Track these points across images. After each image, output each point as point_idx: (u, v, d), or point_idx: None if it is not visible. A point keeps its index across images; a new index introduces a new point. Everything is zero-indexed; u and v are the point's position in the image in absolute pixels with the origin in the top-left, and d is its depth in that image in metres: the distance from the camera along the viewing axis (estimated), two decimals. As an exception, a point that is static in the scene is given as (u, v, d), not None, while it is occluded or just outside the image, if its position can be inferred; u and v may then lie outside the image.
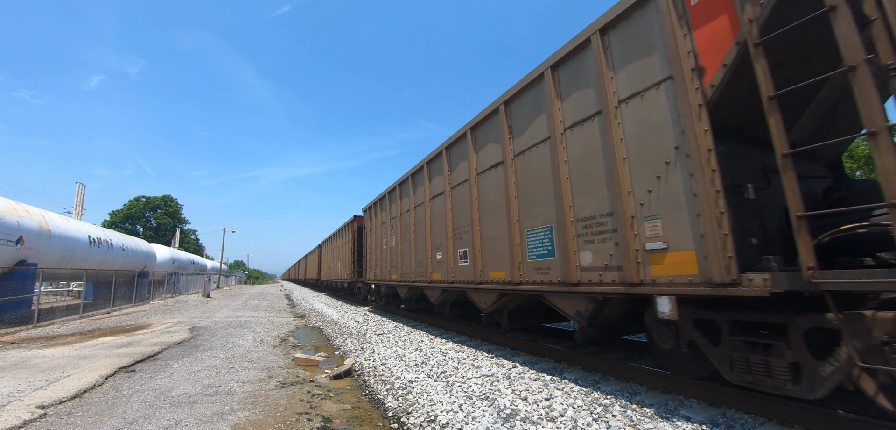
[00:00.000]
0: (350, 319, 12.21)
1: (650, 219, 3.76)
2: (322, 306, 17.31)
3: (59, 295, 26.83)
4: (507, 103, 6.05)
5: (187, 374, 5.82)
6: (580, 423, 3.50)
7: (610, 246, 4.21)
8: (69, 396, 4.82)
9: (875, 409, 3.47)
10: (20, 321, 12.03)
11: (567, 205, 4.76)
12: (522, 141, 5.71)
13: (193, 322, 12.07)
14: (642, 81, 3.91)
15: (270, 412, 4.26)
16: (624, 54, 4.13)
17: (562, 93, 4.95)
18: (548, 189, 5.14)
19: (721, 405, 3.65)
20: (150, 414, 4.18)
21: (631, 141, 4.02)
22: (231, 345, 8.18)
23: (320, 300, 21.50)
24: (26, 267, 12.59)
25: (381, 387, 5.11)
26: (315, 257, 32.24)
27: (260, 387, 5.17)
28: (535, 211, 5.40)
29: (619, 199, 4.05)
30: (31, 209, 13.64)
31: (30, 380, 5.54)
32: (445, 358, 6.14)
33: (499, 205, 6.21)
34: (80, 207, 35.95)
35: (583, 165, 4.60)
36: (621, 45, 4.17)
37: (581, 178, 4.62)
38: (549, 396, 4.20)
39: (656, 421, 3.44)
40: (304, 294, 28.99)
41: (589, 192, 4.51)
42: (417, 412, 4.07)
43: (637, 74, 3.97)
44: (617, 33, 4.23)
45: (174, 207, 62.54)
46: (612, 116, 4.18)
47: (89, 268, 16.41)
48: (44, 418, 4.14)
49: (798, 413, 3.19)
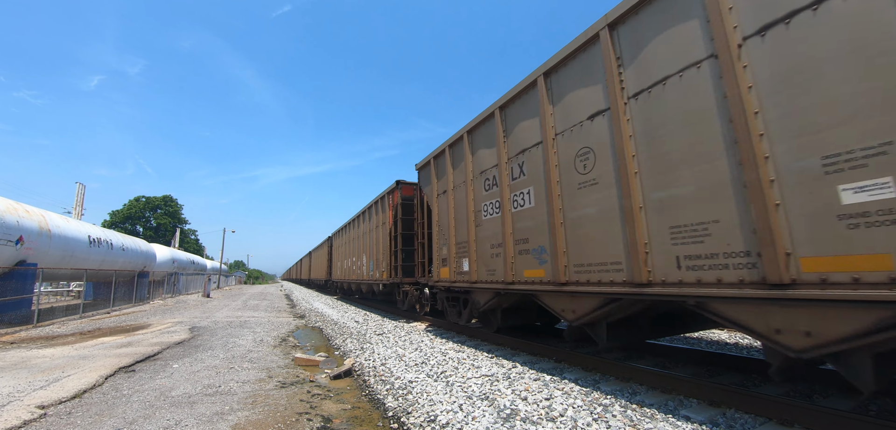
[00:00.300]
0: (350, 319, 12.20)
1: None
2: (321, 306, 17.30)
3: (59, 295, 26.83)
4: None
5: (187, 374, 5.82)
6: (580, 423, 3.50)
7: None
8: (69, 396, 4.81)
9: (875, 409, 3.48)
10: (20, 321, 12.03)
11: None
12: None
13: (193, 322, 12.07)
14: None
15: (270, 412, 4.26)
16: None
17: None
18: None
19: (721, 405, 3.65)
20: (150, 414, 4.18)
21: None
22: (231, 345, 8.18)
23: (319, 300, 21.48)
24: (26, 267, 12.59)
25: (381, 387, 5.11)
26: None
27: (260, 387, 5.17)
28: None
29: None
30: (31, 209, 13.64)
31: (30, 380, 5.54)
32: (445, 358, 6.14)
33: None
34: (79, 207, 35.97)
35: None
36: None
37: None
38: (549, 396, 4.19)
39: (656, 421, 3.44)
40: (304, 294, 28.99)
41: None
42: (417, 412, 4.07)
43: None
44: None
45: (174, 207, 62.55)
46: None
47: (89, 268, 16.41)
48: (44, 418, 4.14)
49: (798, 413, 3.19)
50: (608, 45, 4.35)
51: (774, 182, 2.97)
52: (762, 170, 3.02)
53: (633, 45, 4.13)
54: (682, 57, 3.64)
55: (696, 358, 5.25)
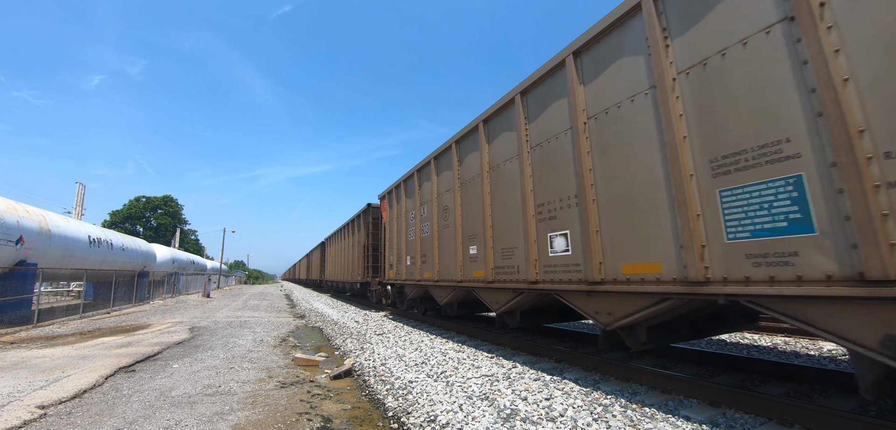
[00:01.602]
0: (350, 319, 12.21)
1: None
2: (322, 307, 17.30)
3: (59, 295, 26.83)
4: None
5: (187, 374, 5.82)
6: (580, 423, 3.50)
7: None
8: (69, 396, 4.81)
9: (875, 409, 3.48)
10: (20, 321, 12.03)
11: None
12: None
13: (193, 322, 12.07)
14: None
15: (270, 412, 4.26)
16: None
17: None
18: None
19: (721, 405, 3.65)
20: (150, 414, 4.18)
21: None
22: (231, 345, 8.18)
23: (320, 301, 21.49)
24: (26, 267, 12.59)
25: (381, 387, 5.11)
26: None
27: (260, 387, 5.17)
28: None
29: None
30: (31, 209, 13.65)
31: (30, 380, 5.54)
32: (445, 358, 6.14)
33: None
34: (79, 207, 35.98)
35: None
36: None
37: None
38: (549, 396, 4.19)
39: (656, 421, 3.44)
40: (304, 294, 28.99)
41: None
42: (417, 412, 4.07)
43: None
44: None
45: (174, 207, 62.57)
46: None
47: (89, 268, 16.42)
48: (44, 418, 4.14)
49: (798, 413, 3.19)
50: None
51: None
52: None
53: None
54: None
55: (696, 358, 5.26)
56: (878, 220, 2.47)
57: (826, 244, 2.70)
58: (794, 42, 2.90)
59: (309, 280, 39.05)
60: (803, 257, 2.80)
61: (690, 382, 3.99)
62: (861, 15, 2.61)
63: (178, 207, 63.28)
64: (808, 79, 2.80)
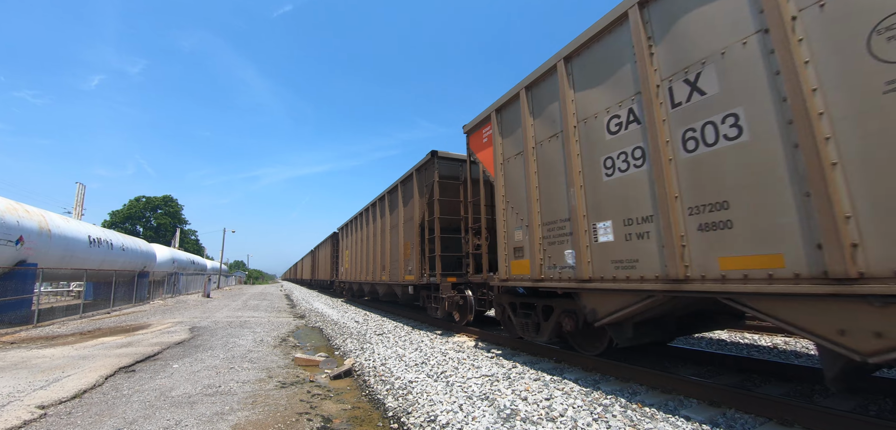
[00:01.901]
0: (350, 319, 12.21)
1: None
2: (322, 306, 17.30)
3: (59, 295, 26.83)
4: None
5: (187, 374, 5.82)
6: (580, 423, 3.50)
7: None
8: (69, 396, 4.81)
9: (875, 408, 3.48)
10: (20, 321, 12.02)
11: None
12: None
13: (193, 322, 12.07)
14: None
15: (270, 412, 4.26)
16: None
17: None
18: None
19: (721, 405, 3.65)
20: (150, 414, 4.18)
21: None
22: (231, 345, 8.18)
23: (320, 300, 21.49)
24: (26, 267, 12.59)
25: (381, 387, 5.11)
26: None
27: (260, 387, 5.17)
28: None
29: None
30: (31, 209, 13.64)
31: (30, 380, 5.54)
32: (445, 358, 6.14)
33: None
34: (80, 207, 35.96)
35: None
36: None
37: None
38: (550, 396, 4.19)
39: (656, 421, 3.44)
40: (304, 294, 28.99)
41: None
42: (417, 412, 4.07)
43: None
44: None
45: (174, 207, 62.56)
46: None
47: (89, 268, 16.41)
48: (44, 418, 4.14)
49: (798, 413, 3.19)
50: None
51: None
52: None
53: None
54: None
55: (696, 358, 5.27)
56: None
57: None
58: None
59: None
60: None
61: (690, 382, 3.99)
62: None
63: (178, 207, 63.28)
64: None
